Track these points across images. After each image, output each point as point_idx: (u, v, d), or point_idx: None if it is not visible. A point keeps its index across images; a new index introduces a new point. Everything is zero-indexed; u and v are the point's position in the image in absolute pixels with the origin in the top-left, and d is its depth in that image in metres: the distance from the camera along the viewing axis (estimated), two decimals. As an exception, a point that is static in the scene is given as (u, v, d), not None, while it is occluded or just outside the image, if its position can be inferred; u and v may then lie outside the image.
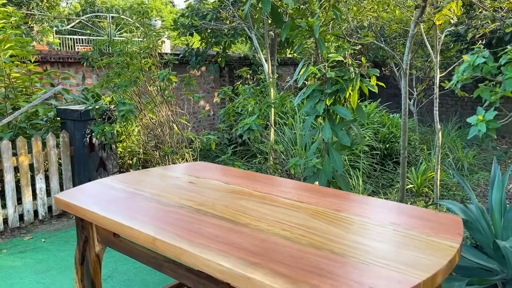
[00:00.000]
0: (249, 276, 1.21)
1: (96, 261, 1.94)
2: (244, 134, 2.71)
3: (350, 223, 1.58)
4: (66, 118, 3.96)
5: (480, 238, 2.38)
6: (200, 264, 1.33)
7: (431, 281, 1.22)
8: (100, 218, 1.70)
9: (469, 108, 10.58)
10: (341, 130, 3.10)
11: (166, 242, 1.44)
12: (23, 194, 3.65)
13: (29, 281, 2.78)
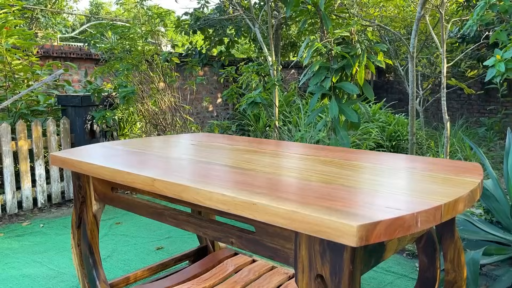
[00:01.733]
0: (254, 201, 1.11)
1: (93, 222, 1.84)
2: (248, 107, 2.63)
3: (362, 167, 1.49)
4: (67, 104, 3.90)
5: (496, 206, 2.27)
6: (202, 198, 1.24)
7: (453, 205, 1.12)
8: (97, 168, 1.61)
9: (475, 111, 10.47)
10: (348, 107, 3.01)
11: (166, 181, 1.35)
12: (22, 180, 3.57)
13: (25, 260, 2.67)
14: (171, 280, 2.07)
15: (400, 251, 2.76)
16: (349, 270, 1.03)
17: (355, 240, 0.93)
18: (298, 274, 1.14)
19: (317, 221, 0.99)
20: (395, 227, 0.99)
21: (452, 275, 1.55)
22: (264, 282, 2.00)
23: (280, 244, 1.17)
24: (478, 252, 2.08)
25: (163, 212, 1.52)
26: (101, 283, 1.87)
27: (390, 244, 1.15)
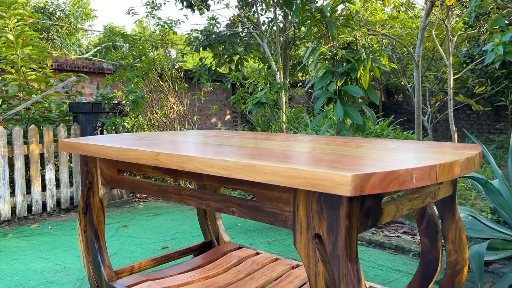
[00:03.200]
0: (253, 163, 1.15)
1: (100, 207, 1.88)
2: (254, 108, 2.67)
3: (364, 146, 1.52)
4: (78, 111, 3.99)
5: (502, 201, 2.26)
6: (204, 166, 1.27)
7: (449, 167, 1.14)
8: (104, 149, 1.65)
9: (485, 131, 10.42)
10: (353, 110, 3.05)
11: (169, 153, 1.39)
12: (32, 184, 3.63)
13: (32, 257, 2.70)
14: (174, 269, 2.08)
15: (406, 251, 2.74)
16: (345, 227, 1.05)
17: (350, 189, 0.96)
18: (296, 236, 1.16)
19: (314, 175, 1.02)
20: (390, 180, 1.01)
21: (454, 256, 1.55)
22: (267, 271, 2.00)
23: (279, 208, 1.20)
24: (483, 245, 2.07)
25: (167, 189, 1.55)
26: (105, 268, 1.89)
27: (388, 209, 1.17)
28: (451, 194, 1.52)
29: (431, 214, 1.61)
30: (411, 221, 3.22)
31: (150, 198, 4.44)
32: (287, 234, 3.18)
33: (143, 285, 1.85)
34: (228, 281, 1.94)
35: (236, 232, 3.23)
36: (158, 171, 1.57)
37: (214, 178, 1.38)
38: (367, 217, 1.11)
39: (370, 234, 3.04)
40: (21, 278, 2.36)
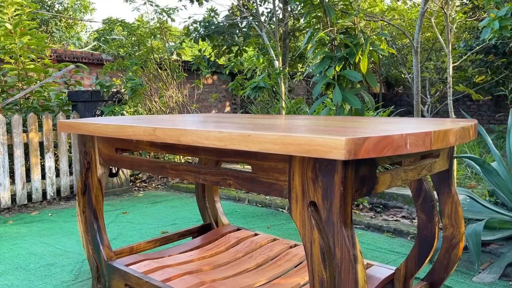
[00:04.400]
0: (248, 133, 1.15)
1: (98, 187, 1.88)
2: (252, 93, 2.67)
3: (362, 121, 1.52)
4: (77, 100, 3.99)
5: (499, 181, 2.27)
6: (200, 138, 1.27)
7: (443, 135, 1.14)
8: (101, 127, 1.66)
9: (485, 121, 10.41)
10: (351, 95, 3.05)
11: (166, 128, 1.39)
12: (32, 172, 3.64)
13: (33, 242, 2.72)
14: (173, 250, 2.09)
15: (405, 234, 2.75)
16: (340, 193, 1.06)
17: (343, 153, 0.96)
18: (292, 204, 1.16)
19: (308, 141, 1.02)
20: (384, 145, 1.01)
21: (450, 230, 1.56)
22: (265, 250, 2.01)
23: (275, 178, 1.20)
24: (480, 224, 2.08)
25: (164, 165, 1.56)
26: (104, 248, 1.90)
27: (383, 178, 1.18)
28: (448, 168, 1.52)
29: (427, 189, 1.62)
30: (410, 205, 3.23)
31: (149, 187, 4.45)
32: (285, 218, 3.20)
33: (141, 264, 1.86)
34: (226, 260, 1.96)
35: (236, 217, 3.24)
36: (155, 147, 1.58)
37: (211, 152, 1.39)
38: (362, 184, 1.11)
39: (369, 218, 3.05)
40: (21, 261, 2.38)
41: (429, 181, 1.66)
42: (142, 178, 4.77)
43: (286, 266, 1.84)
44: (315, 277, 1.12)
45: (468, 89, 6.29)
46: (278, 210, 3.47)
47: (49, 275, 2.17)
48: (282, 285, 1.68)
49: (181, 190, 4.28)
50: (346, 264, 1.05)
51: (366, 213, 3.22)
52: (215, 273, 1.81)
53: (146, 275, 1.75)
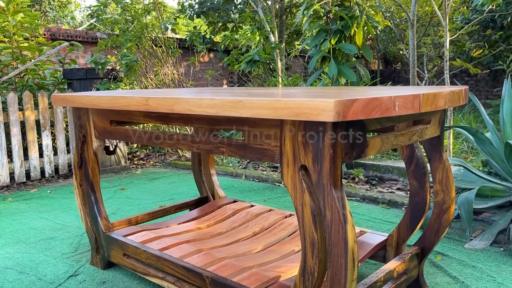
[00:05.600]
0: (240, 99, 1.16)
1: (94, 160, 1.90)
2: (247, 66, 2.67)
3: (355, 89, 1.53)
4: (72, 78, 3.98)
5: (492, 150, 2.29)
6: (192, 106, 1.28)
7: (432, 98, 1.16)
8: (95, 99, 1.67)
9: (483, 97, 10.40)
10: (347, 68, 3.05)
11: (159, 97, 1.40)
12: (29, 150, 3.65)
13: (32, 217, 2.75)
14: (171, 221, 2.12)
15: (399, 205, 2.79)
16: (330, 155, 1.08)
17: (332, 115, 0.97)
18: (283, 169, 1.18)
19: (298, 104, 1.04)
20: (372, 107, 1.03)
21: (441, 195, 1.58)
22: (261, 220, 2.05)
23: (267, 144, 1.22)
24: (472, 192, 2.11)
25: (159, 135, 1.57)
26: (102, 219, 1.93)
27: (373, 142, 1.19)
28: (439, 135, 1.54)
29: (419, 156, 1.64)
30: (405, 178, 3.26)
31: (147, 165, 4.48)
32: (282, 192, 3.23)
33: (139, 234, 1.90)
34: (223, 230, 1.99)
35: (233, 192, 3.28)
36: (149, 118, 1.59)
37: (204, 121, 1.40)
38: (352, 148, 1.13)
39: (364, 190, 3.08)
40: (21, 236, 2.41)
41: (421, 148, 1.68)
42: (140, 156, 4.79)
43: (281, 235, 1.88)
44: (306, 238, 1.14)
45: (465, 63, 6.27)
46: (275, 185, 3.50)
47: (49, 248, 2.21)
48: (277, 251, 1.71)
49: (178, 167, 4.31)
50: (336, 225, 1.08)
51: (362, 186, 3.25)
52: (211, 241, 1.84)
53: (144, 244, 1.78)
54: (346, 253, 1.06)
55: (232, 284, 1.40)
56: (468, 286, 1.71)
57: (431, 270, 1.86)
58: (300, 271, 1.18)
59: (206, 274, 1.48)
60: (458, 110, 8.33)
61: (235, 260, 1.61)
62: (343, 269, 1.07)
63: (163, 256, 1.64)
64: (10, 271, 1.94)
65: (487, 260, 1.95)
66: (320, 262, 1.13)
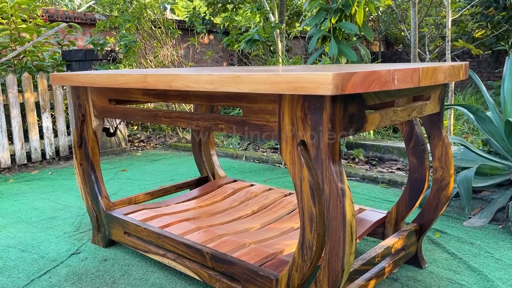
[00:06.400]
0: (238, 74, 1.15)
1: (94, 139, 1.90)
2: (247, 46, 2.64)
3: (356, 66, 1.52)
4: (71, 59, 3.96)
5: (492, 129, 2.29)
6: (190, 82, 1.28)
7: (432, 72, 1.15)
8: (93, 77, 1.66)
9: (485, 78, 10.33)
10: (347, 47, 3.02)
11: (157, 74, 1.39)
12: (29, 132, 3.65)
13: (34, 198, 2.77)
14: (171, 200, 2.14)
15: (399, 185, 2.79)
16: (328, 129, 1.07)
17: (331, 88, 0.97)
18: (282, 144, 1.18)
19: (296, 78, 1.03)
20: (371, 80, 1.02)
21: (440, 172, 1.58)
22: (261, 199, 2.06)
23: (266, 120, 1.22)
24: (471, 170, 2.11)
25: (157, 113, 1.57)
26: (103, 198, 1.94)
27: (372, 117, 1.19)
28: (438, 112, 1.53)
29: (419, 133, 1.64)
30: (405, 158, 3.27)
31: (148, 147, 4.48)
32: (282, 173, 3.24)
33: (140, 213, 1.91)
34: (223, 208, 2.00)
35: (233, 173, 3.29)
36: (148, 96, 1.58)
37: (202, 97, 1.40)
38: (351, 122, 1.13)
39: (364, 170, 3.09)
40: (23, 215, 2.43)
41: (420, 125, 1.67)
42: (140, 138, 4.80)
43: (281, 213, 1.89)
44: (305, 213, 1.15)
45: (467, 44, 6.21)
46: (275, 166, 3.51)
47: (51, 227, 2.23)
48: (276, 229, 1.73)
49: (179, 149, 4.31)
50: (334, 199, 1.08)
51: (362, 166, 3.26)
52: (211, 219, 1.86)
53: (144, 222, 1.80)
54: (344, 226, 1.07)
55: (232, 259, 1.41)
56: (466, 262, 1.72)
57: (429, 247, 1.88)
58: (298, 245, 1.19)
59: (206, 250, 1.49)
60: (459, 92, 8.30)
61: (235, 236, 1.62)
62: (341, 243, 1.08)
63: (163, 233, 1.65)
64: (13, 250, 1.96)
65: (485, 237, 1.96)
66: (319, 236, 1.14)
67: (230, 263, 1.42)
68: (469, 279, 1.60)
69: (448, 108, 2.57)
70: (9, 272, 1.75)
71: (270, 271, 1.33)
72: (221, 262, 1.45)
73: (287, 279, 1.25)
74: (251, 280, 1.36)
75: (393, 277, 1.62)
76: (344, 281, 1.14)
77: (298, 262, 1.20)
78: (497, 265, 1.69)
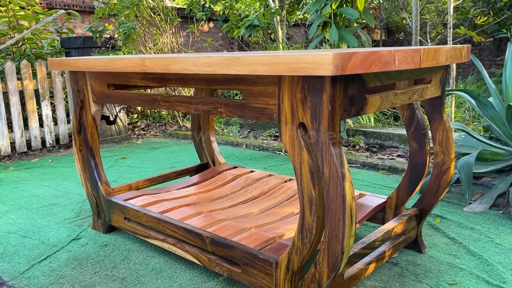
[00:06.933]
0: (237, 56, 1.14)
1: (93, 125, 1.89)
2: (247, 31, 2.62)
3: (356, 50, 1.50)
4: (70, 47, 3.93)
5: (494, 114, 2.27)
6: (189, 65, 1.26)
7: (433, 53, 1.13)
8: (91, 61, 1.65)
9: (487, 66, 10.27)
10: (348, 33, 2.99)
11: (155, 57, 1.38)
12: (29, 119, 3.64)
13: (34, 185, 2.77)
14: (171, 186, 2.13)
15: (400, 171, 2.79)
16: (328, 112, 1.06)
17: (331, 68, 0.96)
18: (281, 128, 1.17)
19: (296, 59, 1.02)
20: (372, 60, 1.01)
21: (440, 156, 1.58)
22: (261, 185, 2.05)
23: (265, 102, 1.21)
24: (472, 155, 2.10)
25: (156, 97, 1.56)
26: (102, 184, 1.94)
27: (372, 99, 1.18)
28: (440, 95, 1.52)
29: (419, 117, 1.63)
30: (405, 145, 3.26)
31: (148, 135, 4.47)
32: (283, 160, 3.24)
33: (140, 198, 1.91)
34: (223, 194, 2.00)
35: (233, 160, 3.28)
36: (146, 80, 1.57)
37: (201, 81, 1.38)
38: (351, 104, 1.12)
39: (364, 157, 3.08)
40: (23, 202, 2.43)
41: (421, 110, 1.66)
42: (140, 126, 4.79)
43: (281, 198, 1.89)
44: (304, 196, 1.15)
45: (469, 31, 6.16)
46: (275, 153, 3.50)
47: (51, 214, 2.23)
48: (276, 214, 1.73)
49: (179, 137, 4.30)
50: (334, 181, 1.08)
51: (362, 153, 3.25)
52: (212, 205, 1.85)
53: (144, 208, 1.80)
54: (344, 209, 1.07)
55: (232, 243, 1.41)
56: (466, 246, 1.72)
57: (429, 232, 1.88)
58: (298, 228, 1.18)
59: (206, 234, 1.49)
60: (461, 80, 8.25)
61: (235, 221, 1.62)
62: (341, 225, 1.08)
63: (163, 218, 1.65)
64: (13, 236, 1.96)
65: (485, 223, 1.96)
66: (318, 219, 1.14)
67: (230, 247, 1.42)
68: (469, 263, 1.60)
69: (449, 94, 2.55)
70: (10, 257, 1.75)
71: (270, 255, 1.33)
72: (221, 246, 1.45)
73: (286, 262, 1.25)
74: (251, 264, 1.36)
75: (393, 261, 1.63)
76: (343, 263, 1.13)
77: (297, 245, 1.20)
78: (497, 250, 1.69)
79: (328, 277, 1.15)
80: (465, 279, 1.49)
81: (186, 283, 1.51)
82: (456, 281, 1.48)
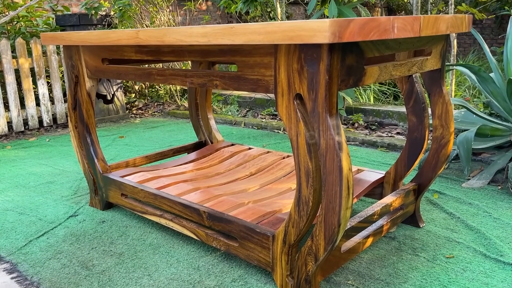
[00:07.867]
0: (232, 25, 1.11)
1: (88, 101, 1.87)
2: (244, 6, 2.57)
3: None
4: (65, 24, 3.87)
5: (494, 89, 2.24)
6: (183, 36, 1.23)
7: (433, 22, 1.10)
8: (85, 35, 1.61)
9: (488, 45, 10.16)
10: (348, 9, 2.94)
11: (149, 29, 1.35)
12: (26, 98, 3.61)
13: (32, 163, 2.76)
14: (169, 163, 2.12)
15: (399, 148, 2.77)
16: (325, 81, 1.04)
17: (328, 35, 0.93)
18: (278, 99, 1.15)
19: (292, 27, 0.99)
20: (370, 28, 0.98)
21: (439, 130, 1.56)
22: (259, 161, 2.04)
23: (261, 74, 1.18)
24: (471, 131, 2.08)
25: (151, 71, 1.53)
26: (99, 161, 1.92)
27: (371, 70, 1.15)
28: (439, 68, 1.49)
29: (419, 91, 1.60)
30: (404, 122, 3.24)
31: (146, 114, 4.45)
32: (281, 138, 3.22)
33: (137, 175, 1.90)
34: (220, 170, 1.99)
35: (231, 138, 3.27)
36: (141, 53, 1.54)
37: (196, 53, 1.36)
38: (349, 75, 1.09)
39: (363, 135, 3.07)
40: (21, 180, 2.42)
41: (421, 83, 1.63)
42: (138, 106, 4.76)
43: (278, 174, 1.88)
44: (301, 168, 1.13)
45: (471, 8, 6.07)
46: (273, 132, 3.48)
47: (48, 191, 2.22)
48: (274, 189, 1.72)
49: (177, 116, 4.28)
50: (331, 153, 1.06)
51: (361, 131, 3.23)
52: (209, 181, 1.84)
53: (142, 184, 1.79)
54: (341, 181, 1.05)
55: (229, 218, 1.41)
56: (464, 221, 1.72)
57: (427, 207, 1.87)
58: (295, 201, 1.17)
59: (203, 209, 1.48)
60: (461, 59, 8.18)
61: (232, 196, 1.61)
62: (338, 197, 1.07)
63: (160, 194, 1.64)
64: (11, 213, 1.96)
65: (483, 198, 1.95)
66: (315, 191, 1.13)
67: (227, 222, 1.41)
68: (467, 237, 1.60)
69: (449, 70, 2.52)
70: (7, 234, 1.75)
71: (267, 228, 1.32)
72: (218, 221, 1.44)
73: (283, 236, 1.25)
74: (248, 238, 1.36)
75: (391, 236, 1.63)
76: (340, 236, 1.13)
77: (294, 218, 1.19)
78: (495, 224, 1.69)
79: (324, 250, 1.15)
80: (462, 253, 1.49)
81: (183, 258, 1.52)
82: (453, 254, 1.48)
